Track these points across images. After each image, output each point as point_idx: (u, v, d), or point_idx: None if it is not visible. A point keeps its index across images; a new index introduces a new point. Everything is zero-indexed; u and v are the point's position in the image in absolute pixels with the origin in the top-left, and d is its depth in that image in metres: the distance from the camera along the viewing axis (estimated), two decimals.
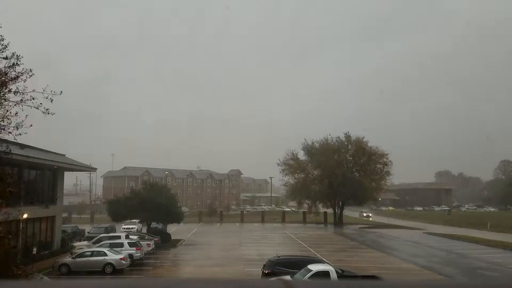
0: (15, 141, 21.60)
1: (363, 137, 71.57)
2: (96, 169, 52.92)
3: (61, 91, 14.90)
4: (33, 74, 14.72)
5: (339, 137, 73.03)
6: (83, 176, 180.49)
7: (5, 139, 16.23)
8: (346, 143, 72.52)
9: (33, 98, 14.40)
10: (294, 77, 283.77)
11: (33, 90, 14.41)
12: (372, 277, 21.50)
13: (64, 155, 38.81)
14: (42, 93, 14.41)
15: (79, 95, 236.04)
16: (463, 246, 40.96)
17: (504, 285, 1.28)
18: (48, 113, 14.78)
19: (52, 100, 14.57)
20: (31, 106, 14.41)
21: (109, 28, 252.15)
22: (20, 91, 14.33)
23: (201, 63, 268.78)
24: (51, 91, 14.54)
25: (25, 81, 14.56)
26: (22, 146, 18.56)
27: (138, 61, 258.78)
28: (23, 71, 14.55)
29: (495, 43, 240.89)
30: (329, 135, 74.51)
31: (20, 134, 14.78)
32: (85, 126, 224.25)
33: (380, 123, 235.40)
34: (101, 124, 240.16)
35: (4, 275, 13.15)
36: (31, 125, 14.75)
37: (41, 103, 14.48)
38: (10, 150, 16.93)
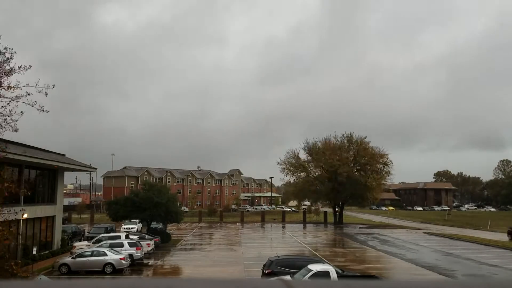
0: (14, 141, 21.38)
1: (365, 137, 71.76)
2: (96, 169, 52.95)
3: (54, 85, 14.07)
4: (29, 67, 14.00)
5: (337, 135, 73.27)
6: (83, 176, 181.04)
7: (4, 139, 16.08)
8: (347, 143, 72.56)
9: (28, 94, 13.66)
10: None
11: (27, 85, 13.70)
12: (372, 277, 21.54)
13: (64, 155, 38.81)
14: (36, 87, 13.69)
15: (79, 95, 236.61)
16: (463, 246, 40.98)
17: (504, 285, 1.28)
18: (43, 111, 14.05)
19: (47, 94, 13.85)
20: (26, 103, 13.68)
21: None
22: (13, 86, 13.67)
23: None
24: (44, 84, 13.82)
25: (23, 73, 13.85)
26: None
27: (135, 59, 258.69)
28: (19, 66, 13.90)
29: None
30: (330, 134, 74.76)
31: (16, 131, 14.15)
32: (85, 125, 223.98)
33: (379, 121, 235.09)
34: (102, 123, 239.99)
35: (3, 274, 13.12)
36: (22, 112, 14.05)
37: (35, 101, 13.75)
38: (6, 147, 16.61)
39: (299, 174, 73.95)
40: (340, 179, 66.69)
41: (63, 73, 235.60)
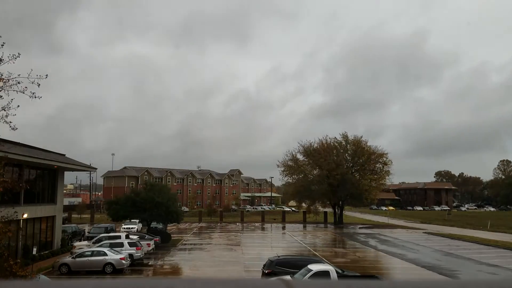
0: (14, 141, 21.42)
1: (361, 136, 71.74)
2: (96, 169, 52.94)
3: (46, 75, 14.22)
4: (18, 56, 14.00)
5: (336, 138, 73.19)
6: (83, 176, 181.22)
7: (4, 139, 16.07)
8: (344, 143, 72.45)
9: (19, 83, 13.77)
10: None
11: (19, 75, 13.77)
12: (372, 277, 21.53)
13: (64, 154, 38.82)
14: (28, 78, 13.76)
15: (79, 95, 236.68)
16: (463, 246, 40.98)
17: (504, 285, 1.27)
18: (35, 97, 14.15)
19: (39, 85, 13.92)
20: (16, 91, 13.79)
21: None
22: (5, 78, 13.67)
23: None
24: (37, 75, 13.91)
25: (13, 62, 13.83)
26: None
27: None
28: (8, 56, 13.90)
29: None
30: (327, 135, 74.70)
31: (11, 122, 14.05)
32: (86, 125, 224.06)
33: (380, 121, 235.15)
34: (102, 123, 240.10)
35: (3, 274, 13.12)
36: (18, 106, 14.12)
37: (26, 87, 13.82)
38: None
39: (296, 176, 73.85)
40: (331, 181, 66.53)
41: None
